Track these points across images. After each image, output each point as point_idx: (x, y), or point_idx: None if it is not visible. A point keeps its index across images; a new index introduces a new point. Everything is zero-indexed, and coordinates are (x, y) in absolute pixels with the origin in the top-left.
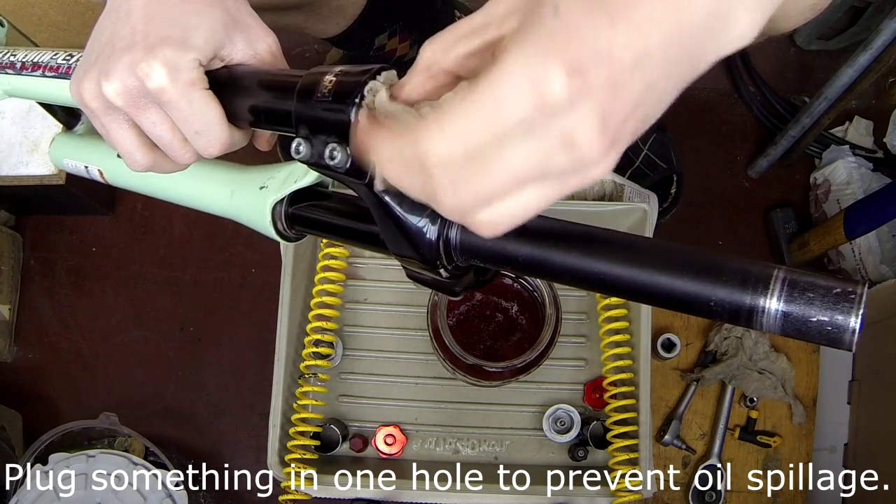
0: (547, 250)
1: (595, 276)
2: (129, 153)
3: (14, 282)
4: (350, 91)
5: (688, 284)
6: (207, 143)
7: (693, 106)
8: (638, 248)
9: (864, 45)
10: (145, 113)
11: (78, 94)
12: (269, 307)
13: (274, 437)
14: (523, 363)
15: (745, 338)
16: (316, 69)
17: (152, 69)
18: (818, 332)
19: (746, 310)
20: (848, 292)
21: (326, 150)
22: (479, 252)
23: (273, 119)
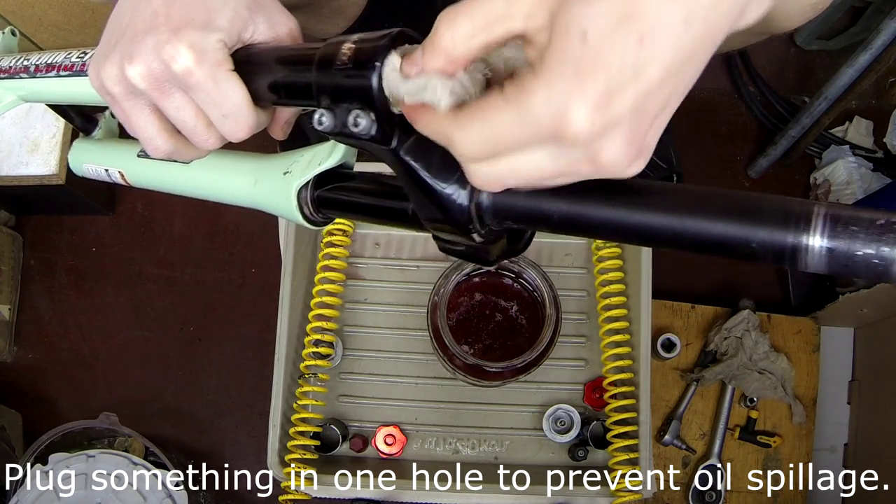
0: (582, 205)
1: (635, 228)
2: (150, 139)
3: (14, 282)
4: (370, 57)
5: (728, 228)
6: (235, 125)
7: (693, 106)
8: (676, 195)
9: (864, 45)
10: (170, 97)
11: (98, 80)
12: (269, 307)
13: (274, 437)
14: (523, 363)
15: (745, 338)
16: (334, 39)
17: (178, 51)
18: (864, 267)
19: (790, 249)
20: (892, 223)
21: (350, 118)
22: (512, 212)
23: (294, 93)
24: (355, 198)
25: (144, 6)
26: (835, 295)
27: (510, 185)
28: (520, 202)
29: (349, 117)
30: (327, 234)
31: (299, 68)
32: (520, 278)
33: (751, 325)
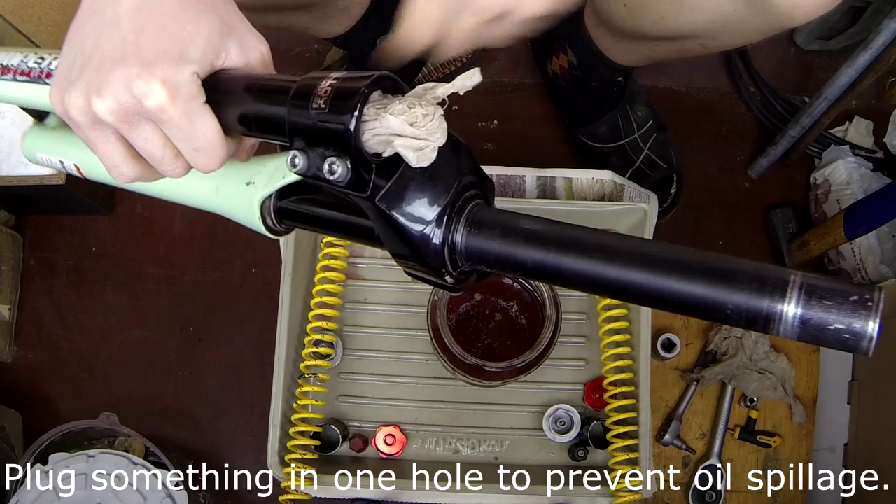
0: (558, 256)
1: (609, 283)
2: (115, 166)
3: (14, 282)
4: (348, 100)
5: (704, 290)
6: (207, 159)
7: (693, 106)
8: (652, 254)
9: (864, 45)
10: (138, 130)
11: (62, 106)
12: (269, 307)
13: (274, 437)
14: (523, 363)
15: (745, 338)
16: (310, 75)
17: (150, 87)
18: (836, 339)
19: (764, 316)
20: (865, 299)
21: (325, 165)
22: (486, 257)
23: (267, 129)
24: (320, 212)
25: (111, 30)
26: None
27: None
28: (494, 248)
29: (324, 164)
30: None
31: (272, 104)
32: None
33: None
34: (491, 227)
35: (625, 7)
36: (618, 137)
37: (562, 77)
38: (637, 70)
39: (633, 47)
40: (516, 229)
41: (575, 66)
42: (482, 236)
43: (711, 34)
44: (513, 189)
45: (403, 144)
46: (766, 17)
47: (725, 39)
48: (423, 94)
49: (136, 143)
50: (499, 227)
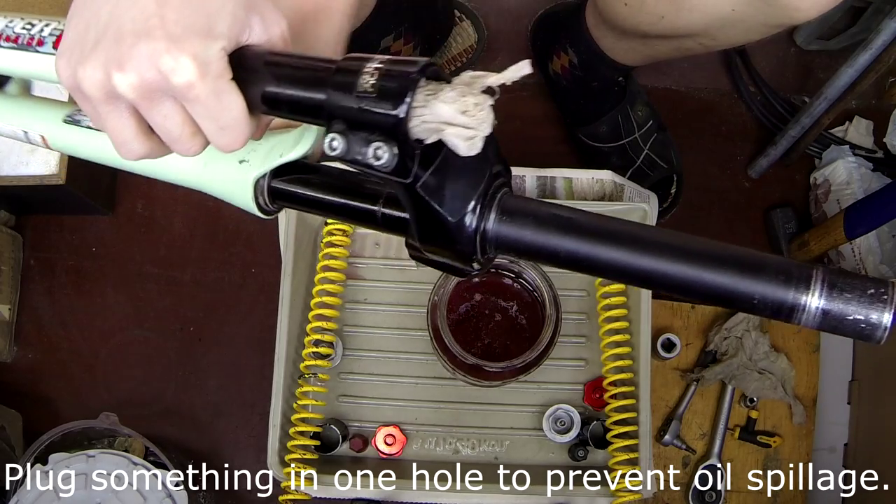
0: (591, 245)
1: (641, 273)
2: (125, 143)
3: (14, 282)
4: (399, 86)
5: (734, 281)
6: (231, 138)
7: (693, 106)
8: (684, 245)
9: (864, 45)
10: (158, 106)
11: (72, 79)
12: (269, 307)
13: (274, 437)
14: (523, 363)
15: (745, 338)
16: (350, 56)
17: (179, 63)
18: (853, 329)
19: (788, 306)
20: (881, 292)
21: (370, 150)
22: (518, 245)
23: (299, 109)
24: (319, 194)
25: (129, 1)
26: None
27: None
28: (527, 236)
29: (368, 149)
30: (327, 234)
31: (309, 85)
32: (520, 278)
33: (751, 324)
34: (523, 215)
35: (625, 6)
36: (618, 137)
37: (563, 77)
38: (637, 70)
39: (633, 46)
40: (549, 217)
41: (576, 65)
42: (515, 224)
43: (711, 33)
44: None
45: (455, 133)
46: (765, 16)
47: (724, 38)
48: (472, 83)
49: (153, 119)
50: (531, 215)
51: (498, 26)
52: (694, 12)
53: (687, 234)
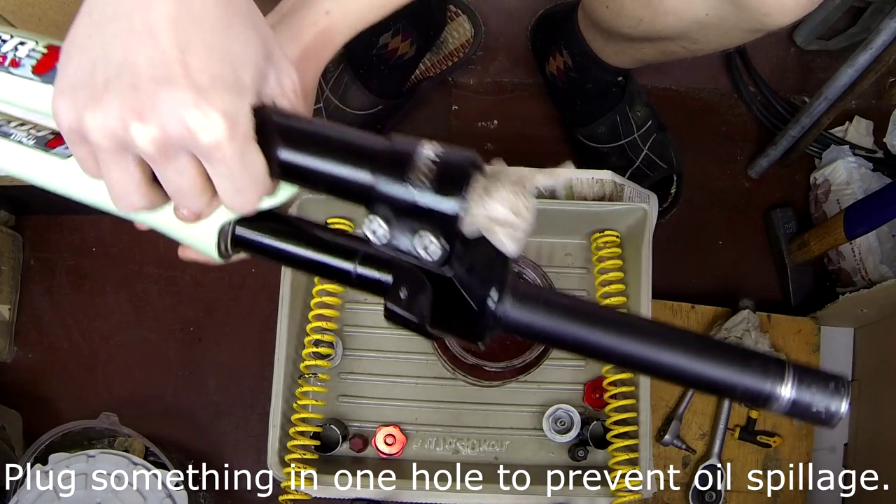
0: (596, 334)
1: (638, 361)
2: (124, 195)
3: (14, 282)
4: (457, 182)
5: (722, 373)
6: (245, 201)
7: (693, 106)
8: (681, 341)
9: (864, 45)
10: (174, 162)
11: (77, 123)
12: (269, 307)
13: (274, 437)
14: (523, 363)
15: (745, 338)
16: (399, 140)
17: (210, 120)
18: (814, 416)
19: (765, 396)
20: (840, 387)
21: (417, 241)
22: (527, 329)
23: (336, 187)
24: (288, 246)
25: (145, 41)
26: (835, 295)
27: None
28: (537, 321)
29: (415, 240)
30: None
31: (353, 165)
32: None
33: (751, 325)
34: (535, 301)
35: (607, 9)
36: (617, 138)
37: (559, 78)
38: (637, 70)
39: (621, 49)
40: (558, 305)
41: (570, 67)
42: (528, 310)
43: (691, 37)
44: None
45: (505, 234)
46: (738, 21)
47: (706, 42)
48: (521, 181)
49: (165, 174)
50: (542, 301)
51: (498, 26)
52: (669, 17)
53: (685, 330)
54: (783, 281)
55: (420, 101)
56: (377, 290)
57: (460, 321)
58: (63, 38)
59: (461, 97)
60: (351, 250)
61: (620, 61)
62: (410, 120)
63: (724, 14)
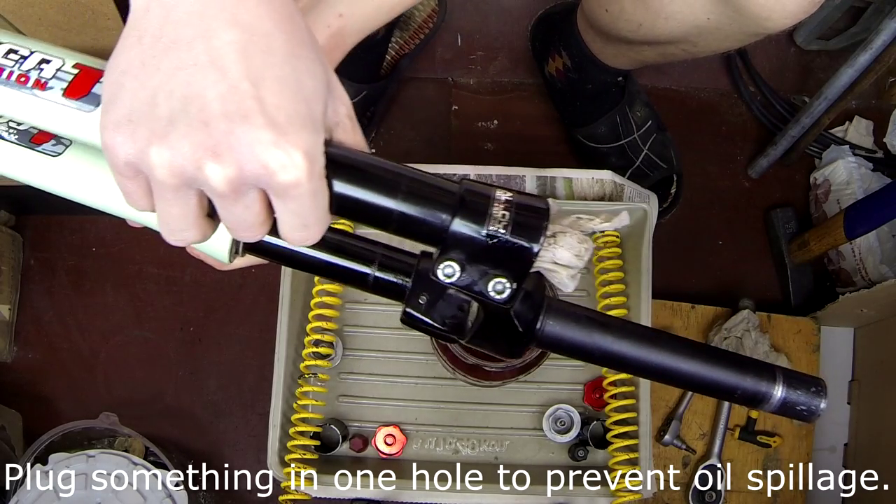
0: (621, 343)
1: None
2: (179, 230)
3: (14, 282)
4: (531, 230)
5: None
6: (309, 236)
7: (693, 106)
8: (692, 351)
9: (864, 45)
10: (242, 199)
11: (137, 157)
12: (269, 307)
13: (274, 437)
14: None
15: (745, 338)
16: (474, 186)
17: (291, 160)
18: (797, 412)
19: (761, 395)
20: (820, 389)
21: (490, 284)
22: (561, 344)
23: (408, 230)
24: (304, 249)
25: (212, 74)
26: (835, 295)
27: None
28: (569, 336)
29: (489, 283)
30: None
31: (430, 208)
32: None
33: (751, 325)
34: (569, 319)
35: (606, 13)
36: (617, 138)
37: (558, 79)
38: (637, 70)
39: (621, 51)
40: (590, 322)
41: (570, 68)
42: (562, 327)
43: (690, 40)
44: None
45: (568, 275)
46: (738, 25)
47: (705, 46)
48: (578, 224)
49: (231, 209)
50: (575, 319)
51: (498, 26)
52: (670, 21)
53: (692, 340)
54: (783, 281)
55: (403, 80)
56: (394, 295)
57: (503, 340)
58: (68, 42)
59: (461, 97)
60: (369, 254)
61: (620, 63)
62: (410, 119)
63: (724, 18)
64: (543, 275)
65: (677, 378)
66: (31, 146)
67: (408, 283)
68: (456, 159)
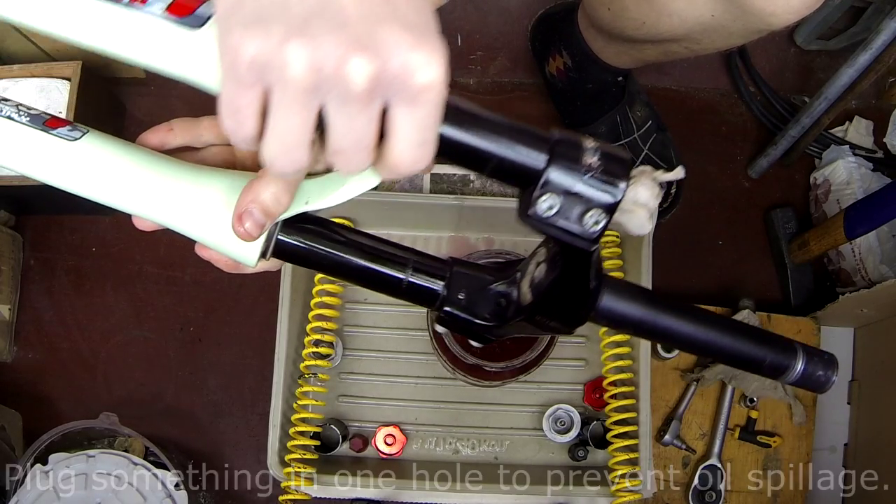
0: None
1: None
2: (291, 150)
3: (14, 282)
4: (621, 166)
5: (756, 350)
6: (422, 156)
7: (693, 106)
8: (729, 327)
9: (864, 45)
10: (370, 108)
11: (269, 54)
12: (269, 307)
13: (274, 437)
14: (523, 363)
15: None
16: (565, 133)
17: (431, 61)
18: (815, 382)
19: (784, 366)
20: (833, 363)
21: (588, 216)
22: (625, 320)
23: (504, 170)
24: (337, 252)
25: None
26: (835, 295)
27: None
28: (631, 311)
29: (585, 215)
30: None
31: (532, 148)
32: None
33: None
34: (626, 294)
35: (609, 11)
36: (617, 138)
37: (559, 78)
38: (637, 70)
39: (622, 49)
40: (643, 294)
41: (570, 67)
42: (623, 301)
43: (694, 38)
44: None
45: (643, 215)
46: (743, 22)
47: (709, 43)
48: (648, 173)
49: (354, 121)
50: (631, 294)
51: (498, 26)
52: (674, 18)
53: (724, 316)
54: (783, 281)
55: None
56: (425, 299)
57: (567, 306)
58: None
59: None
60: (402, 259)
61: (621, 61)
62: None
63: (728, 15)
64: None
65: (718, 353)
66: (45, 129)
67: (437, 286)
68: None
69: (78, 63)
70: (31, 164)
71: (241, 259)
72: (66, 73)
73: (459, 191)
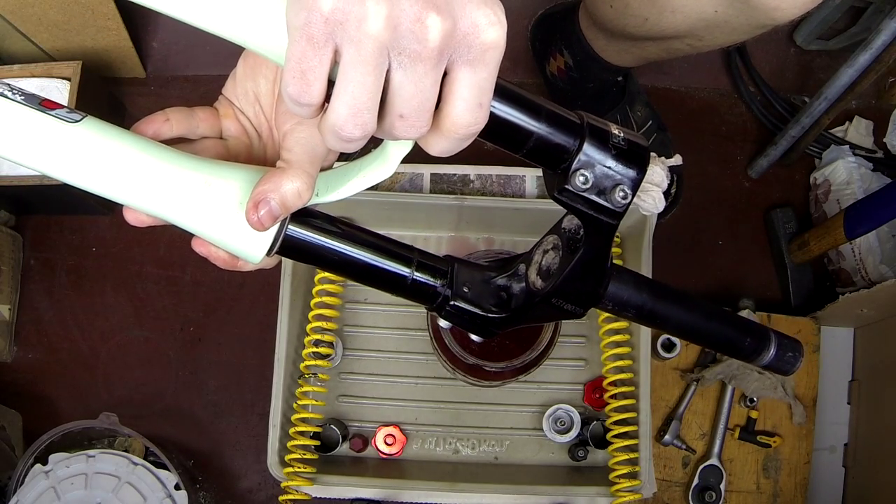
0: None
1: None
2: (359, 113)
3: (14, 282)
4: (642, 148)
5: (737, 334)
6: (480, 117)
7: (693, 106)
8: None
9: (864, 45)
10: (437, 70)
11: (348, 10)
12: (269, 307)
13: (274, 437)
14: (523, 363)
15: None
16: (593, 117)
17: (498, 18)
18: (784, 364)
19: (760, 350)
20: (799, 344)
21: (617, 190)
22: (629, 305)
23: (540, 149)
24: (343, 247)
25: None
26: (835, 295)
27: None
28: (634, 299)
29: (615, 189)
30: None
31: (565, 129)
32: None
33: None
34: (629, 277)
35: (611, 8)
36: None
37: (559, 78)
38: (637, 70)
39: (624, 48)
40: (643, 282)
41: (571, 67)
42: (624, 287)
43: (696, 34)
44: (513, 189)
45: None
46: (746, 17)
47: (711, 39)
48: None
49: (420, 82)
50: (633, 282)
51: None
52: (677, 14)
53: (709, 304)
54: (783, 281)
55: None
56: (430, 295)
57: (584, 286)
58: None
59: None
60: (406, 255)
61: (623, 60)
62: None
63: (732, 10)
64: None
65: (702, 335)
66: (42, 109)
67: (441, 281)
68: (456, 159)
69: (78, 63)
70: (28, 148)
71: (246, 255)
72: (66, 73)
73: (459, 191)
